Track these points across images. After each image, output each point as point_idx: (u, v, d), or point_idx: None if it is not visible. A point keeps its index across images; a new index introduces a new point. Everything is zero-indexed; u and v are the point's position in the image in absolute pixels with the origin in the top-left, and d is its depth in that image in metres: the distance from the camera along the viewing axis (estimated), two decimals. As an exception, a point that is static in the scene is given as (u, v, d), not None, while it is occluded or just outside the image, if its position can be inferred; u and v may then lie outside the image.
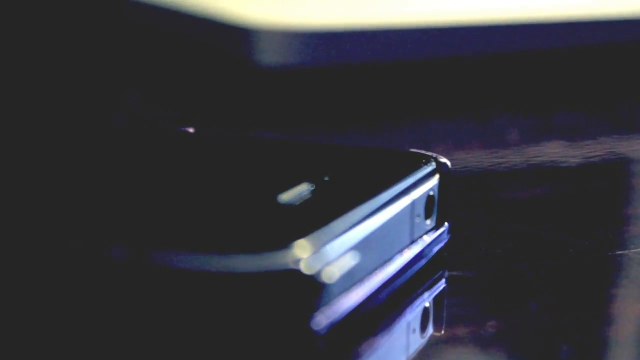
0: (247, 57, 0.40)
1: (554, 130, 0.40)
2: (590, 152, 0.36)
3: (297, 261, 0.19)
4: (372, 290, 0.22)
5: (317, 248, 0.20)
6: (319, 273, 0.19)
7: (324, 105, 0.41)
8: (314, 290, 0.19)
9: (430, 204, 0.24)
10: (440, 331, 0.22)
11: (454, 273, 0.25)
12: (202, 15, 0.43)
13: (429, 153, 0.25)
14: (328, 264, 0.20)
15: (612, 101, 0.44)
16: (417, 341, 0.22)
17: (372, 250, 0.22)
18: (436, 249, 0.24)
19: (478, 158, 0.36)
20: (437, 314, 0.23)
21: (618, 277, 0.26)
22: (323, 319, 0.20)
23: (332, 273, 0.20)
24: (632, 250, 0.26)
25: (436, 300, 0.23)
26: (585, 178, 0.34)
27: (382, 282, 0.22)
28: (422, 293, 0.23)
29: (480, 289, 0.24)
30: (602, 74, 0.46)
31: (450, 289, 0.24)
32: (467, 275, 0.25)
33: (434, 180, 0.24)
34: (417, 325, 0.22)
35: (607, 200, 0.31)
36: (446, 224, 0.25)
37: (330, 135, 0.38)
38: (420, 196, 0.24)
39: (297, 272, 0.19)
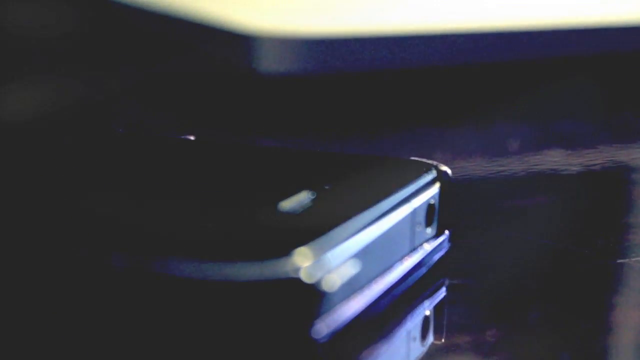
0: (247, 65, 0.40)
1: (555, 138, 0.40)
2: (591, 160, 0.36)
3: (298, 269, 0.19)
4: (373, 299, 0.22)
5: (318, 256, 0.20)
6: (319, 281, 0.19)
7: (324, 113, 0.41)
8: (314, 298, 0.19)
9: (430, 212, 0.24)
10: (440, 340, 0.22)
11: (455, 281, 0.24)
12: (202, 23, 0.43)
13: (430, 161, 0.25)
14: (328, 272, 0.20)
15: (613, 110, 0.44)
16: (418, 350, 0.22)
17: (373, 259, 0.22)
18: (437, 257, 0.24)
19: (479, 166, 0.36)
20: (438, 322, 0.23)
21: (619, 285, 0.26)
22: (323, 327, 0.20)
23: (333, 281, 0.20)
24: (632, 259, 0.26)
25: (436, 308, 0.23)
26: (585, 186, 0.34)
27: (383, 291, 0.22)
28: (422, 301, 0.23)
29: (481, 298, 0.24)
30: (602, 83, 0.46)
31: (451, 298, 0.24)
32: (467, 283, 0.25)
33: (435, 188, 0.24)
34: (417, 333, 0.22)
35: (608, 209, 0.31)
36: (447, 232, 0.25)
37: (331, 144, 0.38)
38: (421, 204, 0.24)
39: (298, 281, 0.19)
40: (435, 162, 0.25)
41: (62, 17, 0.51)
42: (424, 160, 0.25)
